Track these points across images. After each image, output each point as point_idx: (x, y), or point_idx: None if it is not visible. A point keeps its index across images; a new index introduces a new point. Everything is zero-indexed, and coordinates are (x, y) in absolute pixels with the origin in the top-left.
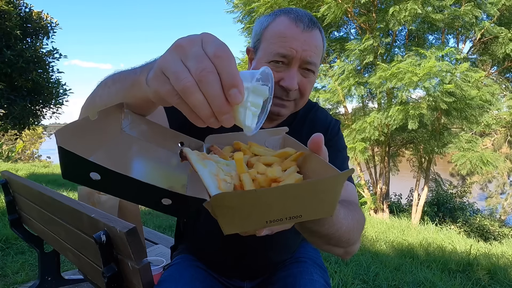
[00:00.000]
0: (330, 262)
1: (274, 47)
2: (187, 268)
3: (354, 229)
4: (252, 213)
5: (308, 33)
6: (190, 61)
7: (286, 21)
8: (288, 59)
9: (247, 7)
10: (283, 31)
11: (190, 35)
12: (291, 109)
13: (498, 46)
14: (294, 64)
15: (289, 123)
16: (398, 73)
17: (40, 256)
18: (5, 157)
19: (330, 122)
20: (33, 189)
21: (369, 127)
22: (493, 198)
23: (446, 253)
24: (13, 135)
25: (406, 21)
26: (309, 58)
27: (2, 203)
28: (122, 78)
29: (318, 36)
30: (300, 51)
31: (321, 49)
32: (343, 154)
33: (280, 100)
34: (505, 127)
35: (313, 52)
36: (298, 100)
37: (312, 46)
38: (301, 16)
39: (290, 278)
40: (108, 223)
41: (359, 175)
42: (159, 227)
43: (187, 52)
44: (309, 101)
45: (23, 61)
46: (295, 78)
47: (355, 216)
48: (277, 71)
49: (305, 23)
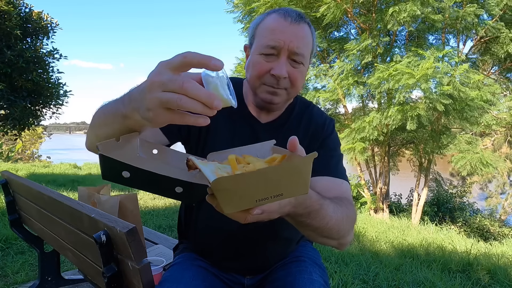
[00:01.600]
0: (330, 262)
1: (264, 40)
2: (189, 267)
3: (343, 221)
4: (244, 193)
5: (296, 26)
6: (169, 86)
7: (275, 17)
8: (277, 50)
9: (247, 7)
10: (272, 25)
11: (151, 73)
12: (283, 97)
13: (499, 46)
14: (283, 54)
15: (285, 120)
16: (396, 75)
17: (40, 256)
18: (5, 157)
19: (325, 120)
20: (33, 189)
21: (368, 127)
22: (493, 198)
23: (446, 253)
24: (13, 135)
25: (406, 21)
26: (296, 49)
27: (2, 203)
28: (111, 114)
29: (305, 29)
30: (288, 41)
31: (309, 42)
32: (338, 153)
33: (272, 88)
34: (505, 127)
35: (300, 43)
36: (290, 89)
37: (299, 37)
38: (289, 12)
39: (290, 277)
40: (108, 223)
41: (359, 175)
42: (159, 227)
43: (163, 83)
44: (305, 100)
45: (23, 62)
46: (284, 66)
47: (345, 210)
48: (268, 61)
49: (293, 17)
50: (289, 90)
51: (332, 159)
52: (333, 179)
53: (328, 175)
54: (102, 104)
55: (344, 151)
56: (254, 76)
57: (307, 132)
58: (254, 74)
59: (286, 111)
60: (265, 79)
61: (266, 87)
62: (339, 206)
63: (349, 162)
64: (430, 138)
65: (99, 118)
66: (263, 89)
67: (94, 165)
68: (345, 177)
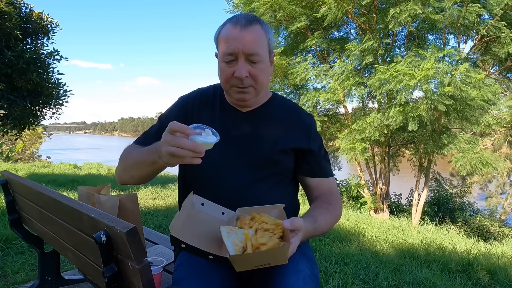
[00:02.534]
0: (330, 262)
1: (223, 49)
2: (198, 262)
3: (333, 223)
4: (248, 262)
5: (245, 31)
6: (171, 143)
7: (228, 27)
8: (234, 55)
9: (247, 7)
10: (226, 35)
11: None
12: (252, 93)
13: (500, 46)
14: (240, 58)
15: (265, 110)
16: (397, 76)
17: (40, 256)
18: (5, 157)
19: (309, 117)
20: (33, 189)
21: (369, 128)
22: (493, 198)
23: (446, 253)
24: (13, 135)
25: (407, 22)
26: (249, 50)
27: (2, 203)
28: (143, 162)
29: (256, 30)
30: (241, 46)
31: (262, 40)
32: (322, 152)
33: (239, 88)
34: (505, 127)
35: (252, 45)
36: (255, 85)
37: (250, 40)
38: (239, 19)
39: (275, 266)
40: (108, 223)
41: (359, 175)
42: (159, 227)
43: (168, 141)
44: (282, 97)
45: (24, 62)
46: (243, 68)
47: (333, 213)
48: (230, 66)
49: (242, 24)
50: (255, 86)
51: (319, 162)
52: (322, 179)
53: (318, 177)
54: (127, 150)
55: (344, 151)
56: (223, 81)
57: (294, 120)
58: (222, 80)
59: (266, 103)
60: (232, 82)
61: (234, 88)
62: (328, 212)
63: (349, 162)
64: (430, 138)
65: (131, 165)
66: (233, 90)
67: (94, 165)
68: (330, 173)
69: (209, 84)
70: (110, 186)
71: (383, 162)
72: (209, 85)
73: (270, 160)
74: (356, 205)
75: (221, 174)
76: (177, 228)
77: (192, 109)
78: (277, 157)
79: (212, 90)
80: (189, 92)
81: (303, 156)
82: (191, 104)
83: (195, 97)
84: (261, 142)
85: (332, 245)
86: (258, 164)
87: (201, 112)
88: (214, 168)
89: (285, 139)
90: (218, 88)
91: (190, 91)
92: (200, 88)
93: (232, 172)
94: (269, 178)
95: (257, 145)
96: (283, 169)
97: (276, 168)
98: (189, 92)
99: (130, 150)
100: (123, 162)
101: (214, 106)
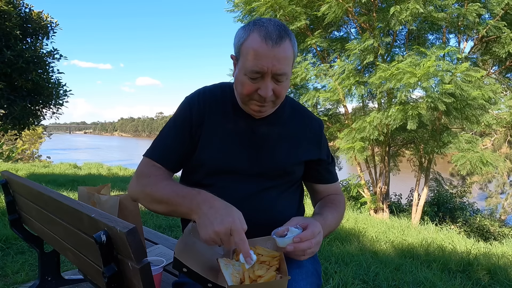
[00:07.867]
0: (330, 262)
1: (249, 64)
2: None
3: (340, 219)
4: None
5: (277, 49)
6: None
7: (257, 39)
8: (261, 74)
9: (247, 6)
10: (255, 49)
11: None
12: (271, 107)
13: (500, 46)
14: (267, 77)
15: (279, 115)
16: (398, 74)
17: (40, 256)
18: (5, 157)
19: (318, 121)
20: (33, 189)
21: (368, 127)
22: (493, 198)
23: (446, 253)
24: (13, 135)
25: (407, 21)
26: (278, 71)
27: (2, 203)
28: (173, 204)
29: (286, 47)
30: (270, 66)
31: (291, 58)
32: (329, 159)
33: (259, 103)
34: (505, 127)
35: (282, 65)
36: (276, 101)
37: (281, 60)
38: (270, 33)
39: None
40: (108, 223)
41: (359, 175)
42: (159, 227)
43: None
44: (292, 99)
45: (23, 62)
46: (269, 87)
47: (339, 211)
48: (254, 83)
49: (274, 40)
50: (275, 101)
51: (328, 169)
52: (330, 185)
53: (326, 183)
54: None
55: (344, 150)
56: (243, 94)
57: (305, 128)
58: (243, 92)
59: (278, 109)
60: (253, 96)
61: (254, 101)
62: (334, 211)
63: (349, 162)
64: (431, 138)
65: (157, 200)
66: (252, 103)
67: (94, 165)
68: (336, 178)
69: (209, 84)
70: (110, 186)
71: (383, 162)
72: (214, 83)
73: (283, 172)
74: (356, 205)
75: (230, 183)
76: (179, 251)
77: (203, 112)
78: (289, 169)
79: (219, 91)
80: (195, 93)
81: (313, 165)
82: (202, 107)
83: (204, 99)
84: (273, 153)
85: (332, 245)
86: (269, 174)
87: (211, 115)
88: (223, 176)
89: (297, 151)
90: (227, 90)
91: (194, 90)
92: (206, 87)
93: (242, 180)
94: (278, 187)
95: (270, 156)
96: (293, 178)
97: (286, 178)
98: (194, 91)
99: (156, 179)
100: (147, 189)
101: (226, 111)
